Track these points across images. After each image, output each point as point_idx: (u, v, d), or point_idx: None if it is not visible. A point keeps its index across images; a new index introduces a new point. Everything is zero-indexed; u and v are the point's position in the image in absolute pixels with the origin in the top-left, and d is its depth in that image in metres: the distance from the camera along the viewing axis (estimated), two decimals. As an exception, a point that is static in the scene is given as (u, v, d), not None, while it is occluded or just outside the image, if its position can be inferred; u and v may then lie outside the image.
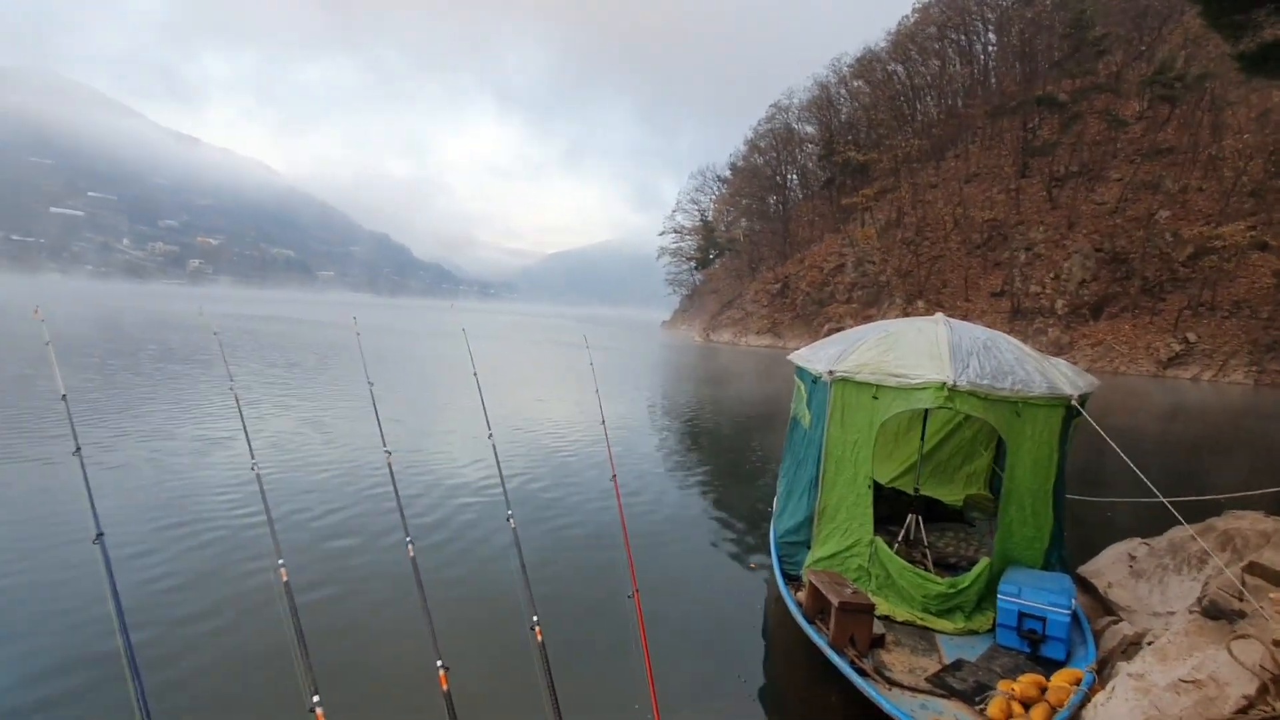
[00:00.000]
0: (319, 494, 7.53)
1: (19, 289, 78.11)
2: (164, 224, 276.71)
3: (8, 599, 4.80)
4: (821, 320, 53.08)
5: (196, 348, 22.64)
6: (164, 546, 5.83)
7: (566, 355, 33.09)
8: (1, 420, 10.17)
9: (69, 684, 3.88)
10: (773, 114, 78.55)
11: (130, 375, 15.86)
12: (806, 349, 6.32)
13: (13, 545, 5.72)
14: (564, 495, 8.16)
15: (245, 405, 5.01)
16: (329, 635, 4.41)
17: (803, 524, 5.36)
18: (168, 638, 4.38)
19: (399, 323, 55.75)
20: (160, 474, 7.94)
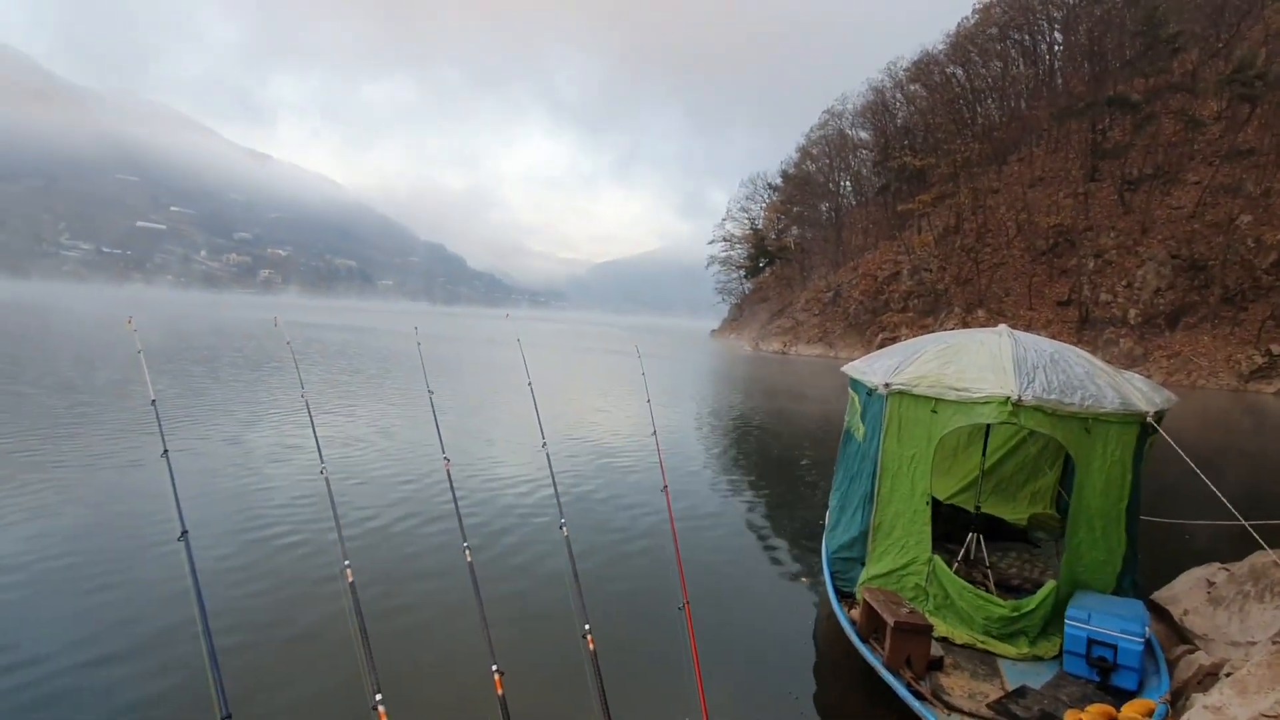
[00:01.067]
0: (382, 498, 7.80)
1: (110, 298, 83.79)
2: (237, 236, 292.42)
3: (102, 592, 5.13)
4: (875, 329, 51.87)
5: (270, 355, 23.77)
6: (240, 545, 6.15)
7: (617, 364, 33.30)
8: (98, 424, 10.91)
9: (153, 675, 4.12)
10: (826, 120, 77.59)
11: (212, 382, 16.77)
12: (861, 360, 6.21)
13: (106, 541, 6.13)
14: (616, 504, 8.22)
15: (314, 411, 5.24)
16: (390, 636, 4.56)
17: (856, 540, 5.25)
18: (241, 632, 4.61)
19: (456, 331, 57.15)
20: (238, 476, 8.37)
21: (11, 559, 5.55)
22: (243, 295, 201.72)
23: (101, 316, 39.76)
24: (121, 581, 5.32)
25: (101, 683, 3.99)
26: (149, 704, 3.84)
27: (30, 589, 5.10)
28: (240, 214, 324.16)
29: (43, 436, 9.77)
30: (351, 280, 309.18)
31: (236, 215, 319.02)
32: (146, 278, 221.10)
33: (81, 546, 5.93)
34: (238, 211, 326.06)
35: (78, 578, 5.34)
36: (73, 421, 10.95)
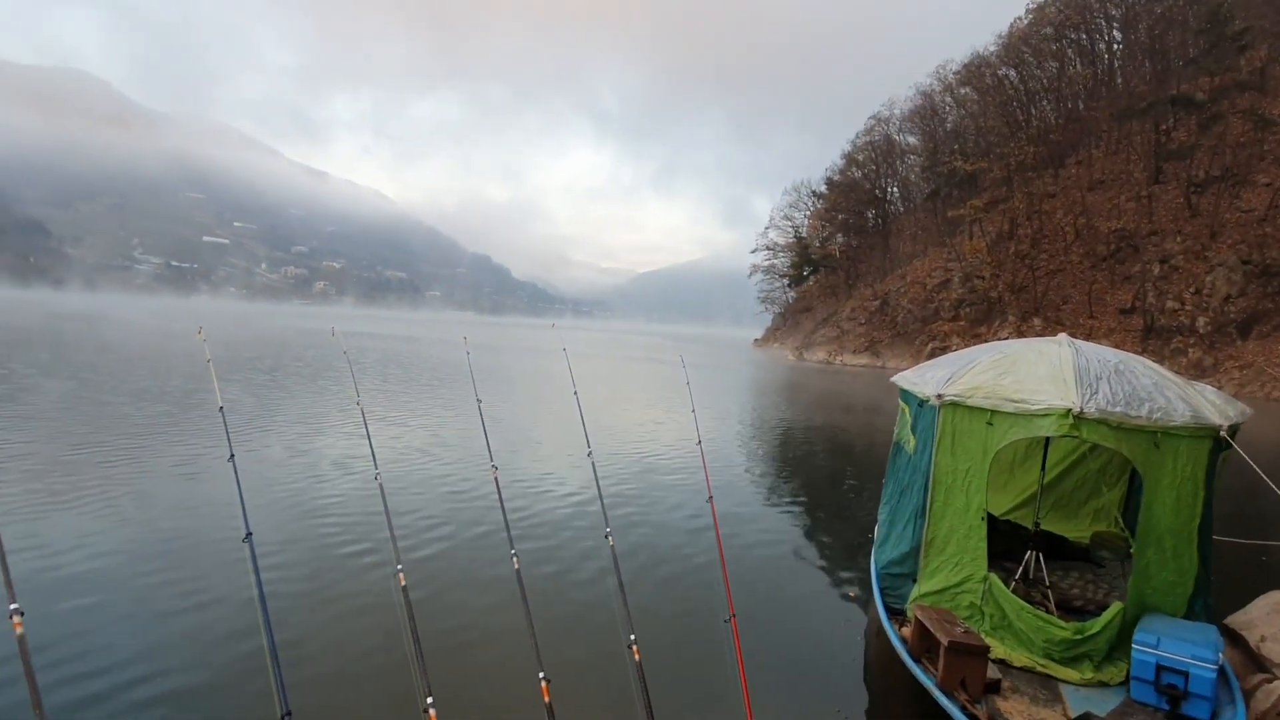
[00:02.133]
0: (433, 504, 7.99)
1: (179, 309, 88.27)
2: (295, 250, 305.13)
3: (170, 590, 5.38)
4: (925, 339, 50.55)
5: (328, 364, 24.59)
6: (300, 547, 6.38)
7: (660, 373, 33.32)
8: (171, 430, 11.51)
9: (216, 672, 4.30)
10: (872, 126, 76.35)
11: (275, 390, 17.42)
12: (912, 371, 6.06)
13: (175, 540, 6.43)
14: (661, 514, 8.21)
15: (369, 419, 5.42)
16: (441, 639, 4.65)
17: (907, 555, 5.11)
18: (299, 632, 4.77)
19: (503, 340, 58.15)
20: (298, 480, 8.68)
21: (87, 557, 5.87)
22: (300, 306, 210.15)
23: (172, 328, 41.88)
24: (188, 580, 5.56)
25: (166, 677, 4.17)
26: (212, 699, 4.00)
27: (103, 585, 5.38)
28: (298, 228, 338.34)
29: (121, 441, 10.32)
30: (401, 291, 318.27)
31: (295, 229, 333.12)
32: (212, 289, 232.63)
33: (152, 547, 6.23)
34: (296, 226, 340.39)
35: (147, 575, 5.61)
36: (148, 427, 11.56)
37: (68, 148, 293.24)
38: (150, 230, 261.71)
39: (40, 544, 5.99)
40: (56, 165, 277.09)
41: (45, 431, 10.78)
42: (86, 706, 3.84)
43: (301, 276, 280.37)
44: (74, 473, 8.42)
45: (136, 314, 64.98)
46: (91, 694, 3.95)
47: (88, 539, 6.28)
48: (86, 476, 8.28)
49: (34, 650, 4.02)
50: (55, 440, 10.21)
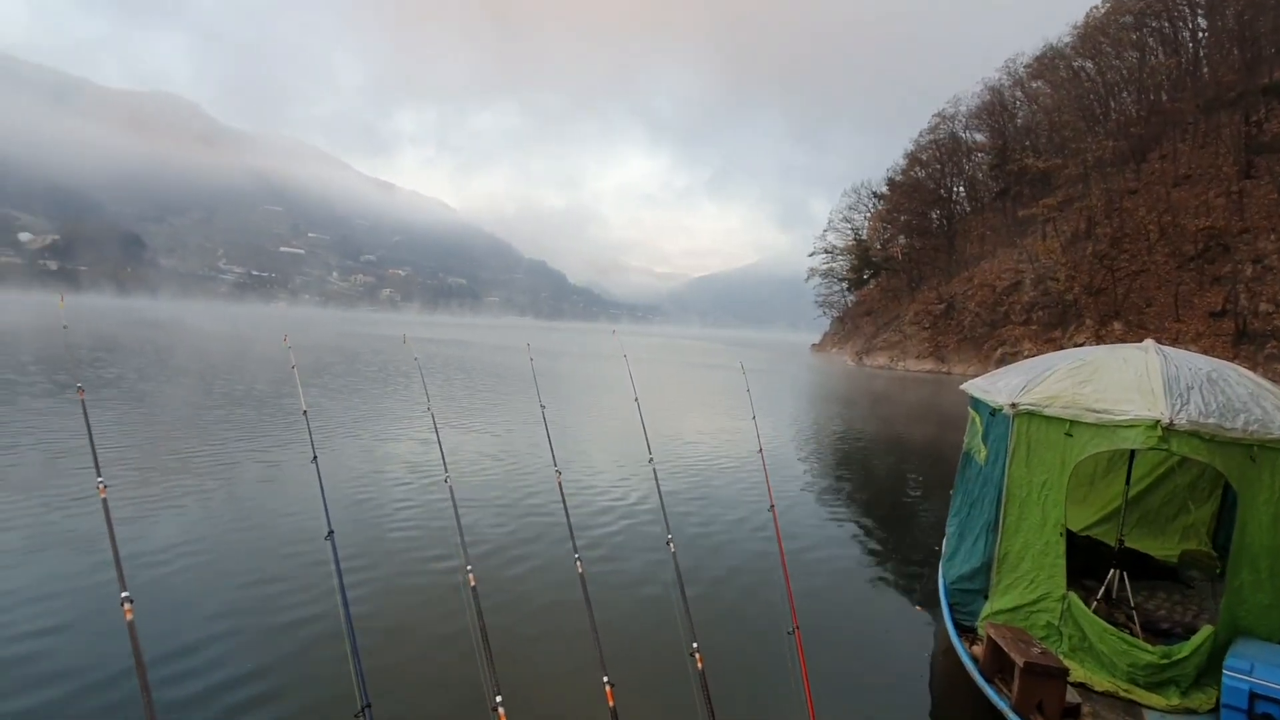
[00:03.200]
0: (499, 507, 8.22)
1: (260, 315, 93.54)
2: (364, 258, 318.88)
3: (257, 585, 5.69)
4: (993, 344, 48.55)
5: (399, 369, 25.58)
6: (376, 545, 6.67)
7: (718, 378, 33.16)
8: (259, 432, 12.18)
9: (299, 664, 4.54)
10: (936, 124, 73.86)
11: (352, 394, 18.18)
12: (983, 378, 5.85)
13: (263, 537, 6.81)
14: (722, 521, 8.18)
15: (438, 422, 5.61)
16: (508, 639, 4.77)
17: (978, 571, 4.93)
18: (376, 627, 4.97)
19: (563, 346, 59.02)
20: (374, 481, 9.07)
21: (182, 552, 6.29)
22: (369, 312, 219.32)
23: (258, 335, 44.32)
24: (275, 575, 5.88)
25: (252, 667, 4.42)
26: (296, 689, 4.22)
27: (197, 578, 5.75)
28: (367, 238, 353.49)
29: (216, 442, 11.03)
30: (462, 297, 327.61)
31: (364, 239, 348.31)
32: (289, 297, 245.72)
33: (242, 542, 6.62)
34: (365, 235, 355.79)
35: (237, 569, 5.97)
36: (239, 429, 12.30)
37: (161, 166, 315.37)
38: (234, 241, 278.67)
39: (141, 537, 6.45)
40: (151, 182, 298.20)
41: (151, 433, 11.58)
42: (174, 686, 4.11)
43: (369, 284, 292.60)
44: (175, 471, 9.04)
45: (224, 320, 69.15)
46: (182, 674, 4.23)
47: (184, 533, 6.74)
48: (187, 475, 8.88)
49: (111, 649, 4.35)
50: (160, 441, 10.97)
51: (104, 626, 4.73)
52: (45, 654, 4.39)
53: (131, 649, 2.74)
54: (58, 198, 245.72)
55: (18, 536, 6.34)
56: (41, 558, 5.89)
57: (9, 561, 5.77)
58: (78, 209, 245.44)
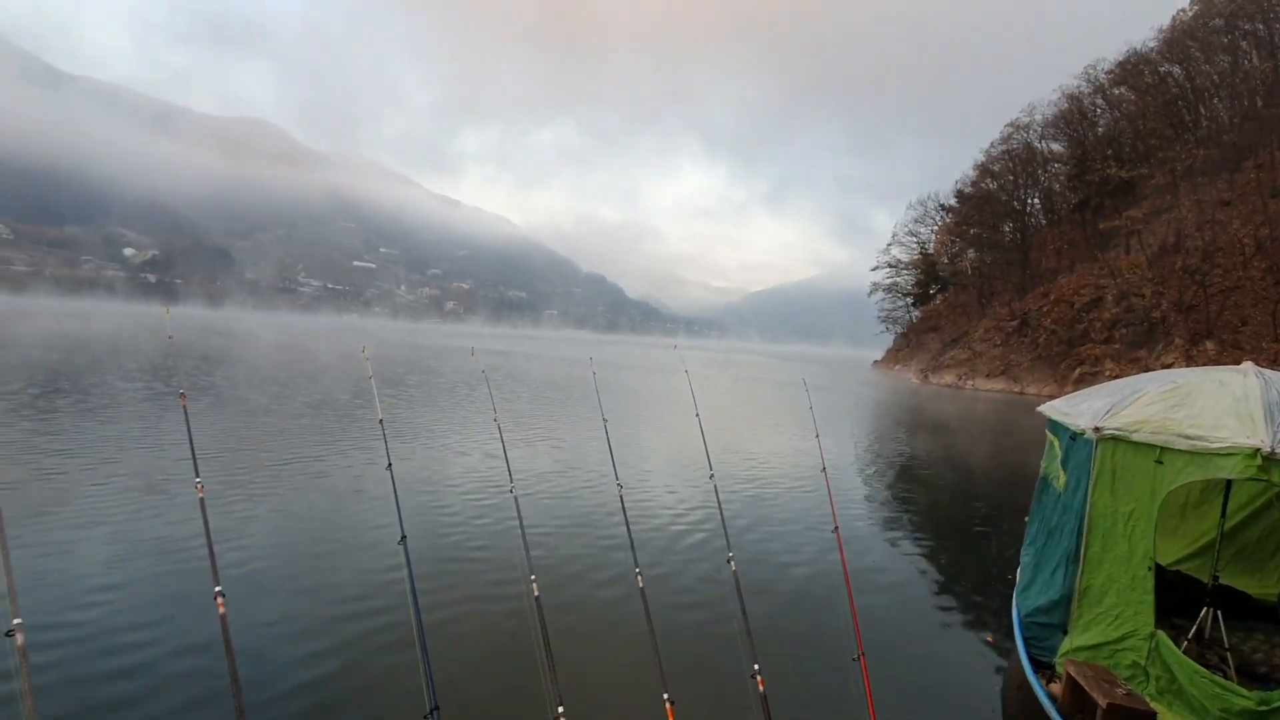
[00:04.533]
0: (563, 518, 8.36)
1: (335, 327, 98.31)
2: (430, 272, 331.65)
3: (334, 587, 5.95)
4: (1071, 363, 46.10)
5: (466, 381, 26.37)
6: (445, 551, 6.89)
7: (779, 394, 32.70)
8: (340, 439, 12.79)
9: (370, 663, 4.71)
10: (1009, 134, 71.10)
11: (424, 404, 18.76)
12: (1063, 400, 5.58)
13: (342, 540, 7.13)
14: (784, 541, 8.06)
15: (504, 433, 5.76)
16: (570, 649, 4.82)
17: (1057, 604, 4.68)
18: (444, 631, 5.10)
19: (623, 359, 59.46)
20: (444, 489, 9.38)
21: (268, 550, 6.65)
22: (435, 324, 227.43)
23: (335, 347, 46.51)
24: (351, 575, 6.15)
25: (324, 669, 4.61)
26: (368, 690, 4.38)
27: (282, 575, 6.06)
28: (433, 252, 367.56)
29: (302, 447, 11.65)
30: (522, 310, 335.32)
31: (430, 253, 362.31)
32: (361, 309, 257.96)
33: (322, 546, 6.94)
34: (431, 250, 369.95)
35: (318, 569, 6.28)
36: (322, 435, 12.96)
37: (248, 185, 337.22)
38: (311, 256, 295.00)
39: (232, 535, 6.85)
40: (239, 200, 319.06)
41: (243, 438, 12.29)
42: (259, 680, 4.34)
43: (435, 297, 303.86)
44: (264, 474, 9.60)
45: (305, 332, 72.93)
46: (266, 668, 4.46)
47: (271, 532, 7.14)
48: (275, 477, 9.43)
49: (204, 640, 4.63)
50: (252, 445, 11.64)
51: (198, 620, 5.03)
52: (144, 644, 4.71)
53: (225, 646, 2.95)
54: (157, 216, 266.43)
55: (122, 529, 6.85)
56: (143, 550, 6.34)
57: (116, 554, 6.23)
58: (174, 226, 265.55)
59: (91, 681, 4.24)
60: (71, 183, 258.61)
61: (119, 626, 4.90)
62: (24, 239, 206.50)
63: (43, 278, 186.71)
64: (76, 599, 5.26)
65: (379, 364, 31.96)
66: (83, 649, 4.56)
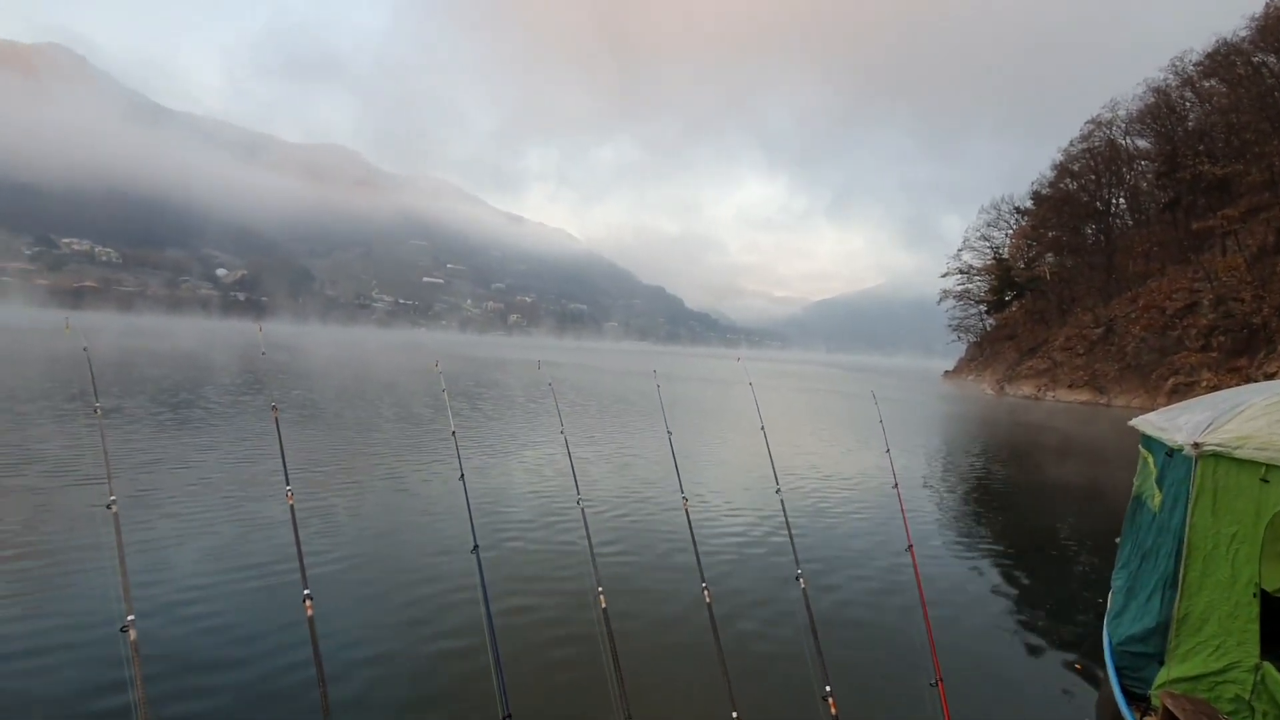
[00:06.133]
0: (628, 530, 8.44)
1: (406, 340, 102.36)
2: (494, 287, 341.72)
3: (409, 594, 6.16)
4: (1163, 373, 43.08)
5: (532, 393, 26.97)
6: (515, 561, 7.06)
7: (846, 407, 31.94)
8: (417, 449, 13.30)
9: (443, 670, 4.84)
10: (1090, 131, 67.47)
11: (494, 417, 19.19)
12: (1158, 414, 5.25)
13: (418, 547, 7.40)
14: (855, 559, 7.85)
15: (570, 446, 5.86)
16: (638, 663, 4.82)
17: (1152, 632, 4.39)
18: (513, 641, 5.20)
19: (685, 371, 59.41)
20: (513, 499, 9.62)
21: (350, 555, 6.98)
22: (500, 336, 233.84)
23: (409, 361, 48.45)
24: (427, 581, 6.37)
25: (401, 670, 4.79)
26: (441, 695, 4.52)
27: (362, 579, 6.35)
28: (497, 267, 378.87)
29: (382, 458, 12.18)
30: (583, 322, 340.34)
31: (495, 268, 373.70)
32: (429, 322, 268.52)
33: (399, 552, 7.22)
34: (496, 265, 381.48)
35: (395, 575, 6.54)
36: (400, 446, 13.49)
37: (328, 208, 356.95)
38: (385, 273, 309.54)
39: (318, 540, 7.23)
40: (319, 223, 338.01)
41: (327, 448, 12.95)
42: (341, 680, 4.55)
43: (499, 310, 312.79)
44: (348, 482, 10.10)
45: (381, 345, 76.30)
46: (346, 669, 4.67)
47: (354, 538, 7.50)
48: (358, 486, 9.90)
49: (293, 639, 4.88)
50: (336, 455, 12.26)
51: (288, 619, 5.32)
52: (239, 637, 5.03)
53: (311, 645, 3.13)
54: (247, 239, 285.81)
55: (221, 533, 7.34)
56: (239, 553, 6.77)
57: (215, 556, 6.68)
58: (262, 248, 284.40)
59: (193, 670, 4.58)
60: (172, 209, 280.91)
61: (217, 624, 5.25)
62: (131, 262, 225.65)
63: (146, 297, 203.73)
64: (180, 597, 5.66)
65: (450, 377, 32.97)
66: (185, 644, 4.90)
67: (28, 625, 5.05)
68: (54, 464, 9.93)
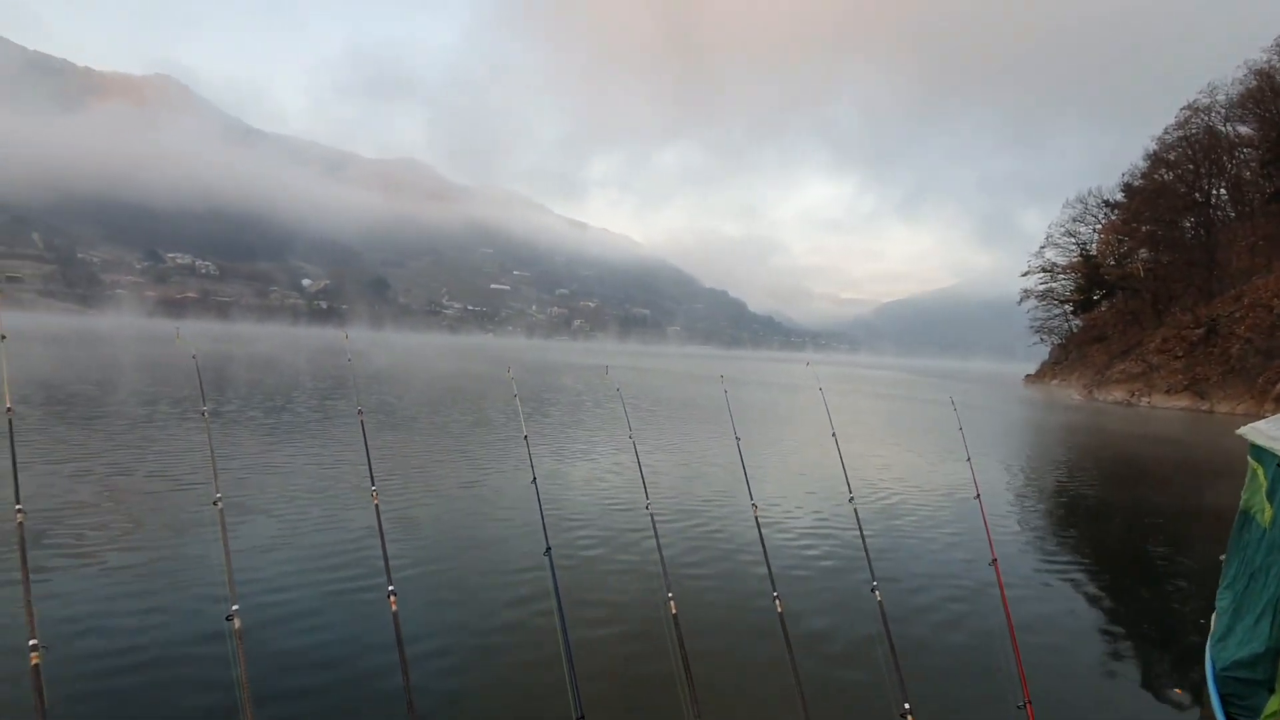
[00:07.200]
0: (696, 535, 8.44)
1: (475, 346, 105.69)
2: (559, 292, 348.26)
3: (484, 594, 6.36)
4: (1271, 376, 39.52)
5: (599, 398, 27.33)
6: (585, 565, 7.18)
7: (923, 413, 30.85)
8: (487, 454, 13.66)
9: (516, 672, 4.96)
10: (1186, 118, 62.72)
11: (563, 424, 19.40)
12: (1268, 422, 4.87)
13: (489, 548, 7.64)
14: (933, 572, 7.57)
15: (638, 449, 5.92)
16: (708, 670, 4.79)
17: (1261, 657, 4.06)
18: (584, 643, 5.26)
19: (751, 374, 58.82)
20: (583, 504, 9.77)
21: (429, 554, 7.27)
22: (564, 341, 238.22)
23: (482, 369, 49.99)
24: (501, 583, 6.55)
25: (476, 668, 4.93)
26: (515, 695, 4.63)
27: (435, 584, 6.59)
28: (562, 273, 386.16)
29: (458, 461, 12.61)
30: (645, 326, 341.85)
31: (559, 275, 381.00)
32: (496, 328, 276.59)
33: (475, 553, 7.46)
34: (560, 271, 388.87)
35: (471, 574, 6.77)
36: (476, 450, 13.93)
37: (403, 220, 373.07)
38: (454, 281, 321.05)
39: (400, 539, 7.58)
40: (395, 233, 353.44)
41: (407, 450, 13.51)
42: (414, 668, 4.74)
43: (563, 315, 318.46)
44: (425, 484, 10.51)
45: (454, 351, 79.09)
46: (419, 659, 4.88)
47: (433, 538, 7.82)
48: (434, 488, 10.29)
49: (378, 631, 5.12)
50: (415, 457, 12.78)
51: (372, 613, 5.60)
52: (324, 627, 5.34)
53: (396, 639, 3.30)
54: (329, 250, 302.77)
55: (312, 529, 7.80)
56: (328, 549, 7.17)
57: (306, 550, 7.10)
58: (342, 259, 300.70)
59: (287, 654, 4.92)
60: (263, 224, 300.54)
61: (308, 612, 5.59)
62: (226, 274, 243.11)
63: (240, 306, 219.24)
64: (276, 589, 6.05)
65: (519, 383, 33.72)
66: (282, 632, 5.24)
67: (144, 603, 5.52)
68: (164, 463, 10.80)
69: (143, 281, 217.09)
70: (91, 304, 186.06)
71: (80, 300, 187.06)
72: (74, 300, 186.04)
